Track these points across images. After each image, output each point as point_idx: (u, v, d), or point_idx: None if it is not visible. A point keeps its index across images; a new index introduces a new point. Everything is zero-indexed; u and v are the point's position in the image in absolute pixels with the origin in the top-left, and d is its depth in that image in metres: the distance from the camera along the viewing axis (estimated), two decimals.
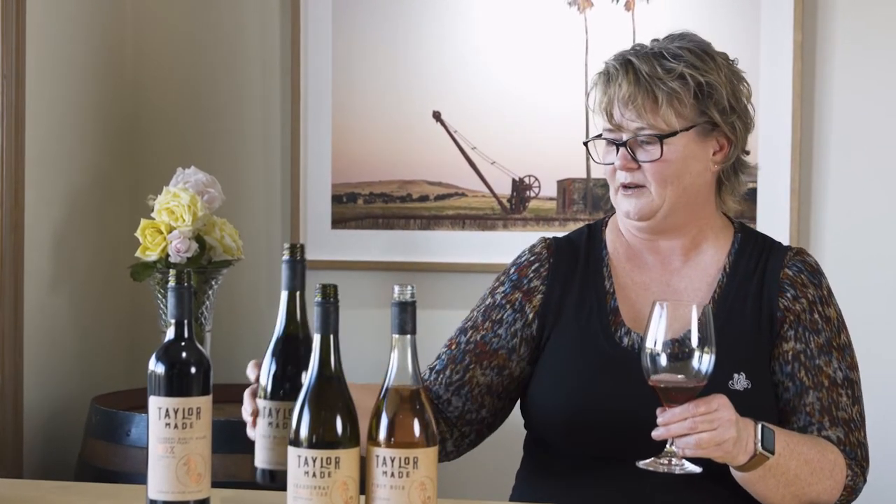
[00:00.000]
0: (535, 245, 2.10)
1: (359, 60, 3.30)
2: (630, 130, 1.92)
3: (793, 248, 2.04)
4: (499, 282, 2.09)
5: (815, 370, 1.94)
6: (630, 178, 1.94)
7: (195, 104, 3.42)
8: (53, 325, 3.16)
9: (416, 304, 1.60)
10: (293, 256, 1.68)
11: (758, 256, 2.01)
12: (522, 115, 3.21)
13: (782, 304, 1.97)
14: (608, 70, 1.95)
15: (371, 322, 3.14)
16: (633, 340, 1.97)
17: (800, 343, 1.95)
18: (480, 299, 2.10)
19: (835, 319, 1.99)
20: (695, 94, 1.92)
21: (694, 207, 1.99)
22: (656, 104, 1.91)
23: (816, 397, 1.93)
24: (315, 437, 1.57)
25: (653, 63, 1.92)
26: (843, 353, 1.97)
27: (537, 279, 2.05)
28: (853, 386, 1.97)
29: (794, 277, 1.98)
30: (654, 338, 1.72)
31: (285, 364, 1.66)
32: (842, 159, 3.05)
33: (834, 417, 1.93)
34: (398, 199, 3.30)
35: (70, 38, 3.21)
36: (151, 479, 1.67)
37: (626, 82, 1.91)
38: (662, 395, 1.73)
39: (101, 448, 2.90)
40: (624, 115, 1.92)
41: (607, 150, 1.98)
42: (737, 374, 1.91)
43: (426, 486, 1.57)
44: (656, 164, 1.92)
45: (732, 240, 2.04)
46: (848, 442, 1.93)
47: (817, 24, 3.03)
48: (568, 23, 3.18)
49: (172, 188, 2.93)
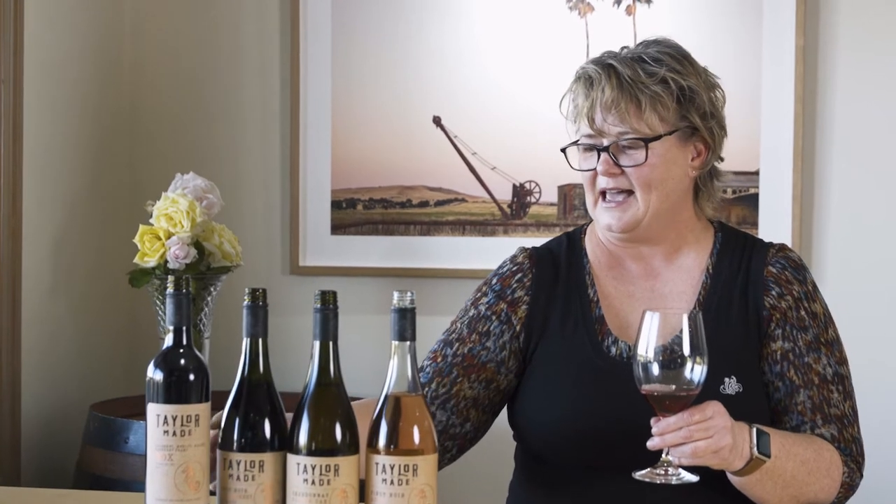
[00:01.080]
0: (516, 255, 2.08)
1: (358, 65, 3.29)
2: (612, 135, 1.91)
3: (774, 244, 2.02)
4: (481, 293, 2.06)
5: (805, 368, 1.93)
6: (613, 183, 1.92)
7: (194, 110, 3.42)
8: (51, 332, 3.16)
9: (415, 310, 1.59)
10: (255, 302, 1.63)
11: (740, 255, 2.00)
12: (523, 120, 3.20)
13: (768, 302, 1.95)
14: (589, 74, 1.93)
15: (371, 328, 3.14)
16: (620, 350, 1.95)
17: (788, 342, 1.94)
18: (462, 311, 2.07)
19: (821, 315, 1.97)
20: (677, 98, 1.91)
21: (674, 213, 1.97)
22: (640, 108, 1.89)
23: (807, 395, 1.92)
24: (314, 445, 1.56)
25: (635, 67, 1.91)
26: (832, 348, 1.95)
27: (521, 289, 2.03)
28: (843, 381, 1.95)
29: (777, 275, 1.96)
30: (645, 347, 1.71)
31: (247, 414, 1.62)
32: (844, 164, 3.04)
33: (826, 415, 1.92)
34: (398, 205, 3.29)
35: (68, 43, 3.21)
36: (149, 486, 1.65)
37: (608, 87, 1.89)
38: (656, 403, 1.72)
39: (99, 455, 2.89)
40: (606, 119, 1.90)
41: (585, 156, 1.95)
42: (727, 378, 1.90)
43: (426, 494, 1.56)
44: (641, 168, 1.90)
45: (713, 240, 2.02)
46: (842, 438, 1.92)
47: (819, 28, 3.03)
48: (569, 27, 3.17)
49: (171, 194, 2.92)
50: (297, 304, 3.28)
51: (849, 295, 2.99)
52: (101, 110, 3.34)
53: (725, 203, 3.02)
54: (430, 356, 2.04)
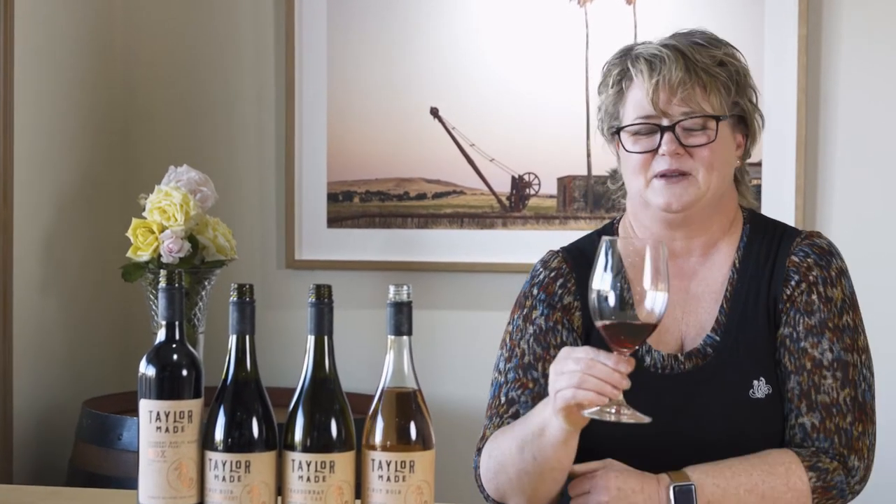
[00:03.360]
0: (548, 259, 2.01)
1: (354, 55, 3.27)
2: (675, 116, 1.88)
3: (804, 232, 1.97)
4: (527, 308, 1.98)
5: (799, 353, 1.88)
6: (675, 164, 1.88)
7: (187, 101, 3.41)
8: (43, 327, 3.15)
9: (412, 304, 1.59)
10: (241, 298, 1.62)
11: (767, 247, 1.95)
12: (522, 110, 3.18)
13: (785, 293, 1.91)
14: (651, 56, 1.90)
15: (368, 323, 3.12)
16: (654, 360, 1.90)
17: (787, 327, 1.89)
18: (515, 332, 1.97)
19: (838, 300, 1.91)
20: (736, 82, 1.91)
21: (722, 201, 1.94)
22: (705, 90, 1.88)
23: (797, 381, 1.87)
24: (309, 441, 1.56)
25: (698, 49, 1.89)
26: (842, 333, 1.89)
27: (568, 295, 1.97)
28: (846, 368, 1.88)
29: (799, 263, 1.92)
30: (601, 277, 1.63)
31: (234, 412, 1.61)
32: (848, 155, 3.03)
33: (812, 402, 1.86)
34: (395, 198, 3.27)
35: (60, 34, 3.20)
36: (142, 484, 1.65)
37: (677, 67, 1.87)
38: (611, 336, 1.64)
39: (92, 452, 2.88)
40: (671, 100, 1.88)
41: (639, 138, 1.91)
42: (756, 381, 1.86)
43: (423, 491, 1.55)
44: (708, 147, 1.87)
45: (741, 232, 1.98)
46: (822, 429, 1.85)
47: (822, 17, 3.02)
48: (568, 17, 3.15)
49: (164, 187, 2.92)
50: (292, 299, 3.29)
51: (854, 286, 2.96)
52: (93, 102, 3.32)
53: None
54: (515, 385, 1.94)
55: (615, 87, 1.93)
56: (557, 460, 1.77)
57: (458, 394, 3.19)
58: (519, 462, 1.81)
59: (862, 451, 1.86)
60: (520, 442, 1.81)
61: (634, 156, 1.90)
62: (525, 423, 1.82)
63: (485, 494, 1.92)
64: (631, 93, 1.91)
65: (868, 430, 1.88)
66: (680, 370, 1.89)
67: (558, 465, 1.78)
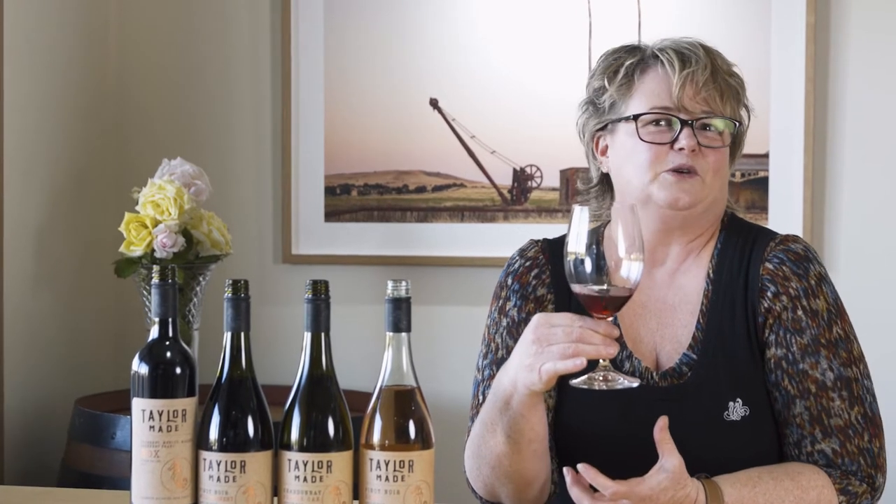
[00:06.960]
0: (526, 249, 1.98)
1: (352, 45, 3.26)
2: (695, 113, 1.87)
3: (778, 235, 1.93)
4: (502, 298, 1.96)
5: (800, 376, 1.83)
6: (690, 161, 1.85)
7: (181, 92, 3.40)
8: (35, 324, 3.14)
9: (410, 300, 1.59)
10: (237, 294, 1.62)
11: (741, 253, 1.91)
12: (524, 102, 3.17)
13: (763, 305, 1.86)
14: (683, 49, 1.89)
15: (366, 319, 3.12)
16: (634, 367, 1.87)
17: (780, 348, 1.85)
18: (492, 324, 1.96)
19: (823, 312, 1.86)
20: (741, 95, 1.93)
21: (718, 205, 1.92)
22: (722, 96, 1.88)
23: (804, 406, 1.83)
24: (306, 440, 1.56)
25: (718, 55, 1.91)
26: (836, 348, 1.84)
27: (542, 287, 1.94)
28: (849, 385, 1.83)
29: (774, 271, 1.87)
30: (576, 242, 1.62)
31: (229, 411, 1.61)
32: (857, 146, 3.02)
33: (826, 427, 1.83)
34: (394, 191, 3.26)
35: (52, 27, 3.19)
36: (135, 484, 1.64)
37: (706, 66, 1.87)
38: (589, 304, 1.62)
39: (85, 452, 2.88)
40: (695, 97, 1.87)
41: (656, 129, 1.88)
42: (732, 403, 1.82)
43: (422, 491, 1.55)
44: (719, 151, 1.88)
45: (716, 239, 1.94)
46: (845, 452, 1.82)
47: (830, 6, 3.01)
48: (571, 6, 3.14)
49: (158, 180, 2.91)
50: (289, 294, 3.30)
51: (861, 282, 2.99)
52: (86, 94, 3.31)
53: (734, 187, 2.96)
54: (487, 381, 1.91)
55: (625, 78, 1.90)
56: (531, 429, 1.73)
57: (457, 392, 3.16)
58: (493, 446, 1.77)
59: (883, 466, 1.85)
60: (489, 425, 1.77)
61: (646, 149, 1.86)
62: (488, 404, 1.78)
63: (478, 497, 1.89)
64: (644, 84, 1.88)
65: (882, 442, 1.86)
66: (654, 385, 1.85)
67: (533, 435, 1.74)
